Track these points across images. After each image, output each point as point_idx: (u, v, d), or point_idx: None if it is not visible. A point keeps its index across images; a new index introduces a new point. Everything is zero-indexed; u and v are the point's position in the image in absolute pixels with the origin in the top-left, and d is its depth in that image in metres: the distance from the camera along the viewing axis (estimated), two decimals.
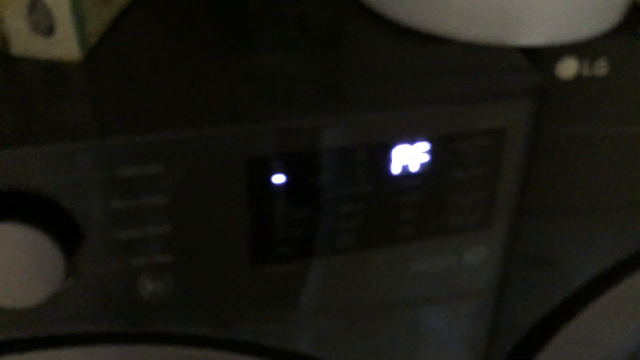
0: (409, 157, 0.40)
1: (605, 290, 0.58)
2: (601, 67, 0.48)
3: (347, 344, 0.47)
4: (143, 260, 0.38)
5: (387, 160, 0.39)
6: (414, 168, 0.40)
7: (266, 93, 0.39)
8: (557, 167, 0.52)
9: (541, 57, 0.46)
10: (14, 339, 0.40)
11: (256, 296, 0.42)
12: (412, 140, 0.39)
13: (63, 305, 0.38)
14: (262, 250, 0.40)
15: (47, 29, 0.39)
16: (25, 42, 0.40)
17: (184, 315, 0.41)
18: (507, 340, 0.62)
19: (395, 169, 0.40)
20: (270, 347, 0.45)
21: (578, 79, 0.48)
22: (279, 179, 0.38)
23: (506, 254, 0.47)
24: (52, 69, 0.40)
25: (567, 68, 0.48)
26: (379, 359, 0.49)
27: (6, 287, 0.35)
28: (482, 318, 0.51)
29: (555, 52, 0.47)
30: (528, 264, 0.57)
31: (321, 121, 0.38)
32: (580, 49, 0.47)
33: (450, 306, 0.48)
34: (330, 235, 0.41)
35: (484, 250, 0.45)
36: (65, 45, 0.40)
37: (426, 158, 0.40)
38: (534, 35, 0.44)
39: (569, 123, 0.50)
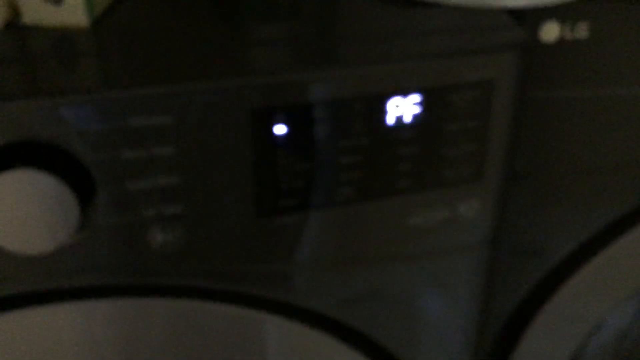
0: (403, 108, 0.42)
1: (582, 265, 0.60)
2: (582, 30, 0.51)
3: (346, 299, 0.49)
4: (153, 211, 0.40)
5: (382, 111, 0.42)
6: (408, 119, 0.42)
7: (264, 51, 0.41)
8: (541, 131, 0.54)
9: (525, 21, 0.49)
10: (24, 293, 0.41)
11: (260, 249, 0.44)
12: (405, 92, 0.41)
13: (73, 257, 0.40)
14: (265, 203, 0.42)
15: None
16: (35, 11, 0.42)
17: (191, 267, 0.43)
18: (492, 325, 0.64)
19: (390, 120, 0.42)
20: (274, 301, 0.47)
21: (560, 42, 0.51)
22: (280, 129, 0.40)
23: (499, 208, 0.49)
24: (61, 36, 0.42)
25: (550, 31, 0.50)
26: (375, 314, 0.51)
27: (20, 233, 0.37)
28: (476, 277, 0.52)
29: (537, 17, 0.49)
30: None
31: (318, 74, 0.40)
32: (562, 13, 0.49)
33: (445, 261, 0.50)
34: (330, 187, 0.43)
35: (478, 203, 0.47)
36: (73, 12, 0.42)
37: (419, 110, 0.42)
38: None
39: (553, 87, 0.52)
